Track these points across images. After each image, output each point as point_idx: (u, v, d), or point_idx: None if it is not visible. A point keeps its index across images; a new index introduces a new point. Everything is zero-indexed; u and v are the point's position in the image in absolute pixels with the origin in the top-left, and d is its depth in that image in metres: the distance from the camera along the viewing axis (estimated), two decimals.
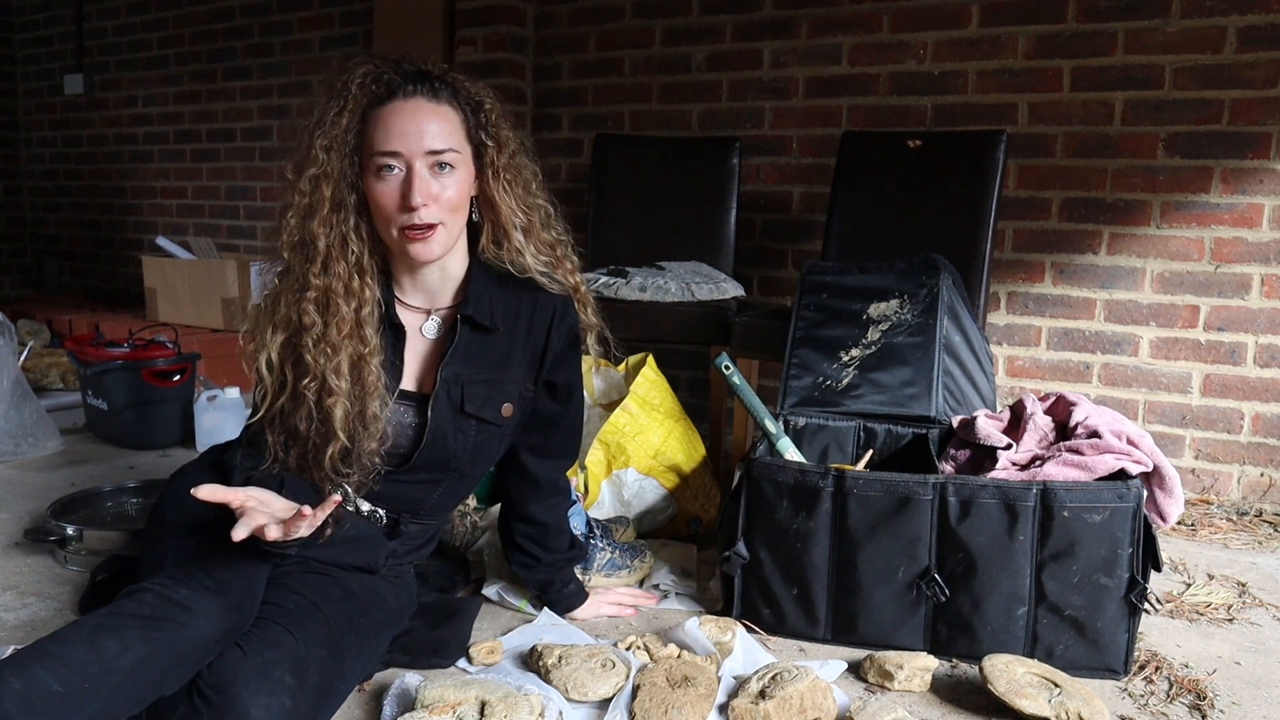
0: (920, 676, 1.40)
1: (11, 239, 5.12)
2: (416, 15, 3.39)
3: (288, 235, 1.33)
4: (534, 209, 1.43)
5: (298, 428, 1.30)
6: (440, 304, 1.42)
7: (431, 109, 1.30)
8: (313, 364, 1.29)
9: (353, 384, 1.30)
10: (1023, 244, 2.65)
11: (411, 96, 1.30)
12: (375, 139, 1.29)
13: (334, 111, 1.29)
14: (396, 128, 1.28)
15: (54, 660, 1.01)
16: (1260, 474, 2.45)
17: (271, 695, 1.11)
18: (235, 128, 4.16)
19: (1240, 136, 2.38)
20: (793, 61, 2.90)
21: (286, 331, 1.31)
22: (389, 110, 1.29)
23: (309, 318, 1.29)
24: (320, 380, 1.29)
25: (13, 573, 1.77)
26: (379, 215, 1.31)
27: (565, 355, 1.47)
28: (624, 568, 1.76)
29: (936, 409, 1.82)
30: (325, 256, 1.30)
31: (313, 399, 1.29)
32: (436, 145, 1.29)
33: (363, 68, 1.31)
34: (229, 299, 3.46)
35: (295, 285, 1.31)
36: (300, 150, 1.31)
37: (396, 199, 1.29)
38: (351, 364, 1.30)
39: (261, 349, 1.31)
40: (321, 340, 1.29)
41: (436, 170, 1.30)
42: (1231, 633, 1.64)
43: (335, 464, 1.30)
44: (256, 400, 1.33)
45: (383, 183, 1.29)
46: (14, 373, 2.52)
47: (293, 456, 1.31)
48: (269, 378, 1.31)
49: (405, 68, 1.32)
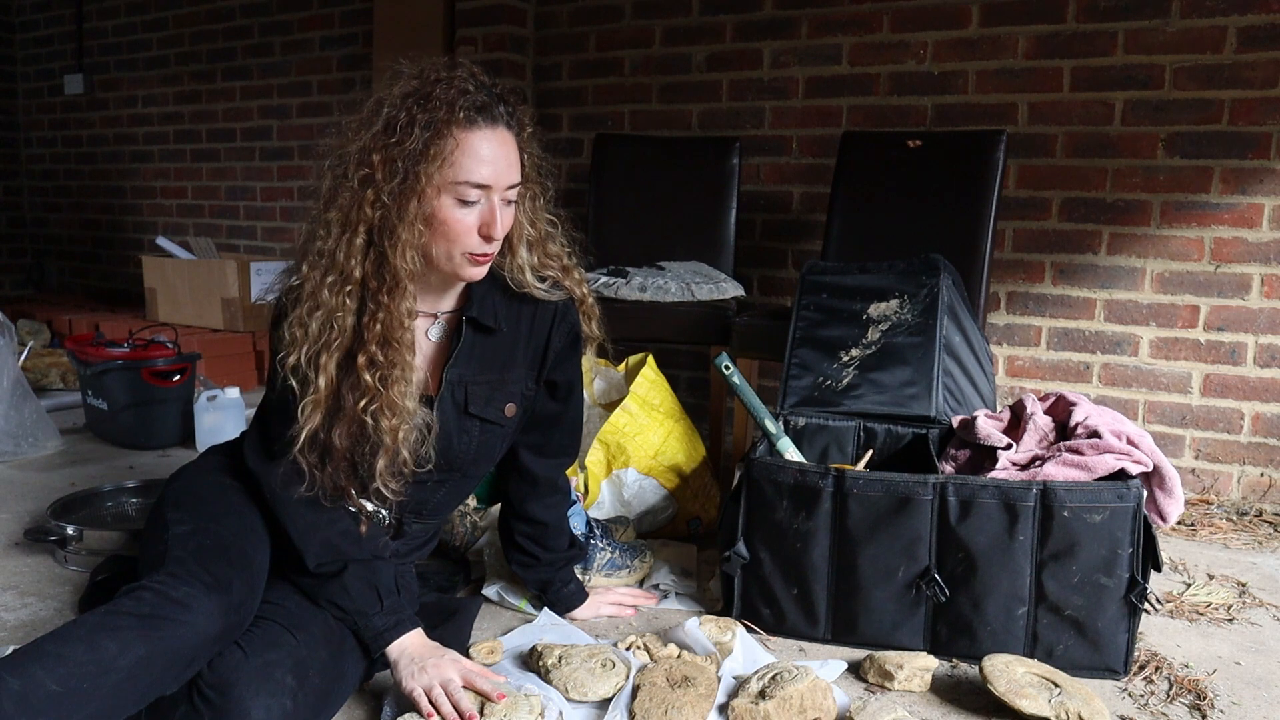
0: (920, 676, 1.40)
1: (11, 239, 5.12)
2: (416, 15, 3.39)
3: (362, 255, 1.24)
4: (544, 222, 1.42)
5: (334, 445, 1.26)
6: (444, 308, 1.42)
7: (511, 141, 1.28)
8: (373, 386, 1.24)
9: (413, 402, 1.30)
10: (1023, 244, 2.65)
11: (497, 125, 1.26)
12: (463, 167, 1.23)
13: (420, 125, 1.21)
14: (489, 158, 1.24)
15: (52, 660, 1.01)
16: (1260, 474, 2.44)
17: (272, 696, 1.11)
18: (235, 128, 4.16)
19: (1240, 136, 2.38)
20: (793, 61, 2.90)
21: (345, 351, 1.26)
22: (479, 137, 1.24)
23: (378, 339, 1.25)
24: (380, 401, 1.25)
25: (13, 573, 1.77)
26: (446, 238, 1.26)
27: (566, 354, 1.48)
28: (624, 568, 1.76)
29: (936, 409, 1.82)
30: (405, 280, 1.25)
31: (370, 420, 1.25)
32: (515, 178, 1.29)
33: (456, 83, 1.24)
34: (229, 299, 3.46)
35: (358, 304, 1.26)
36: (397, 173, 1.21)
37: (475, 228, 1.26)
38: (409, 383, 1.29)
39: (313, 365, 1.24)
40: (391, 364, 1.25)
41: (505, 203, 1.29)
42: (1231, 633, 1.64)
43: (385, 479, 1.29)
44: (299, 418, 1.25)
45: (464, 211, 1.25)
46: (14, 373, 2.52)
47: (327, 475, 1.27)
48: (324, 391, 1.24)
49: (495, 91, 1.28)
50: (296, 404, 1.26)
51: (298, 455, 1.26)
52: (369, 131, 1.23)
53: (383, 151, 1.22)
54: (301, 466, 1.27)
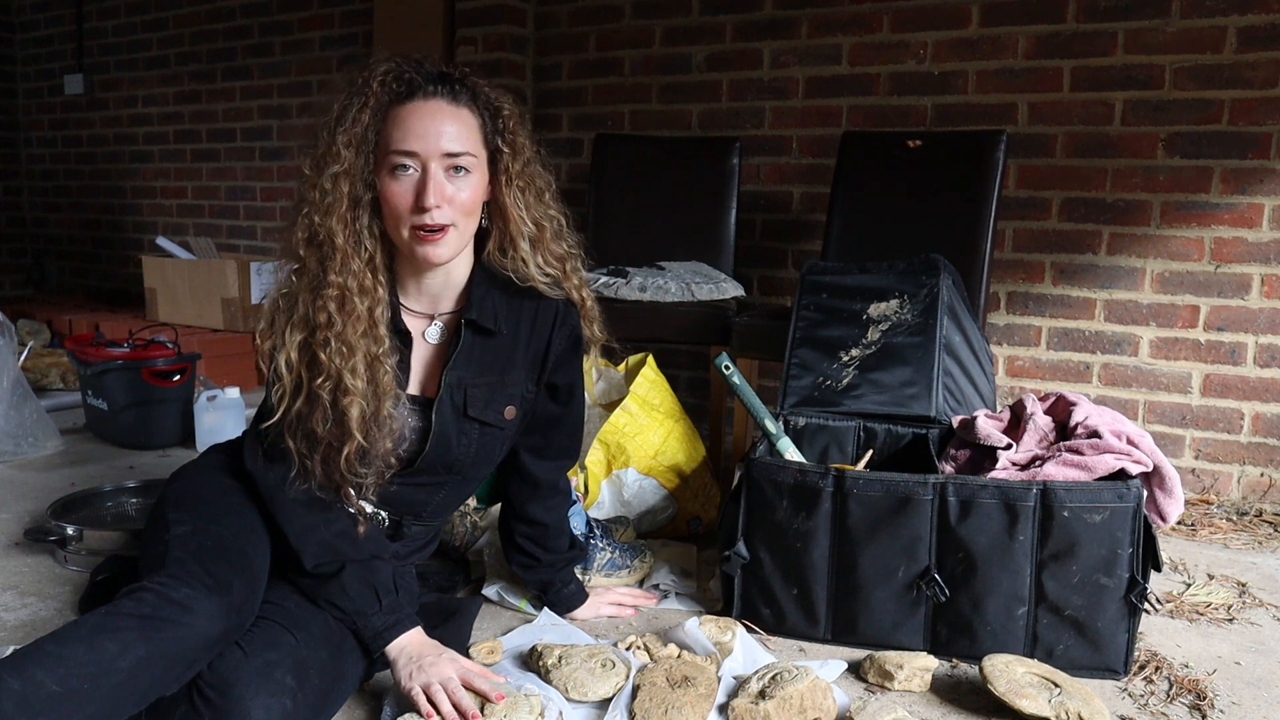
0: (920, 676, 1.40)
1: (11, 239, 5.12)
2: (416, 15, 3.39)
3: (304, 232, 1.30)
4: (545, 219, 1.42)
5: (315, 431, 1.28)
6: (443, 309, 1.42)
7: (451, 111, 1.30)
8: (328, 363, 1.27)
9: (368, 383, 1.29)
10: (1023, 244, 2.65)
11: (431, 97, 1.29)
12: (393, 137, 1.28)
13: (355, 108, 1.27)
14: (415, 127, 1.28)
15: (52, 660, 1.01)
16: (1260, 474, 2.44)
17: (272, 696, 1.11)
18: (235, 128, 4.16)
19: (1240, 136, 2.38)
20: (793, 61, 2.90)
21: (304, 331, 1.29)
22: (408, 109, 1.28)
23: (326, 316, 1.27)
24: (336, 380, 1.27)
25: (13, 573, 1.77)
26: (390, 214, 1.30)
27: (567, 357, 1.47)
28: (624, 568, 1.76)
29: (936, 409, 1.82)
30: (343, 254, 1.29)
31: (328, 399, 1.27)
32: (453, 147, 1.29)
33: (384, 65, 1.30)
34: (229, 299, 3.46)
35: (311, 283, 1.30)
36: (320, 146, 1.29)
37: (410, 199, 1.28)
38: (367, 363, 1.29)
39: (280, 348, 1.29)
40: (339, 339, 1.27)
41: (452, 173, 1.29)
42: (1231, 633, 1.64)
43: (351, 464, 1.29)
44: (273, 401, 1.30)
45: (397, 182, 1.28)
46: (14, 373, 2.52)
47: (316, 463, 1.28)
48: (287, 378, 1.28)
49: (427, 68, 1.31)
50: (274, 390, 1.30)
51: (286, 443, 1.28)
52: (319, 119, 1.31)
53: (322, 133, 1.29)
54: (290, 455, 1.28)
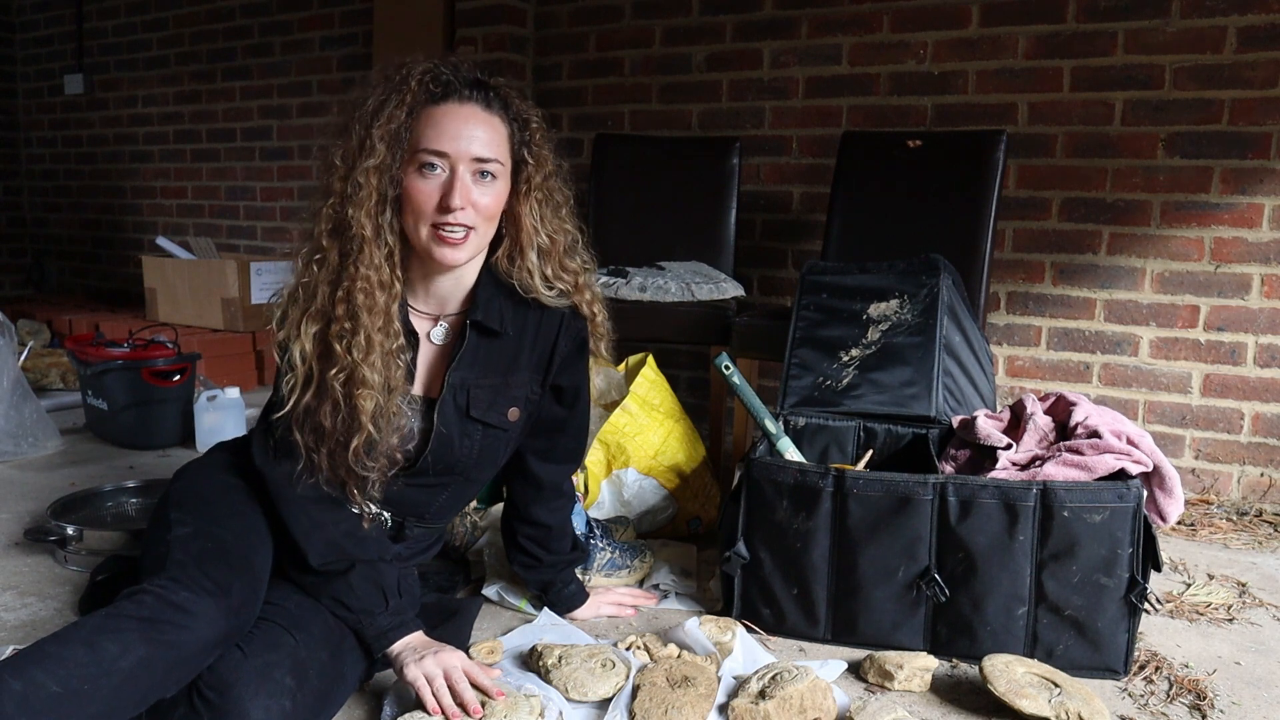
0: (920, 676, 1.40)
1: (11, 239, 5.12)
2: (416, 15, 3.39)
3: (329, 223, 1.30)
4: (559, 233, 1.43)
5: (323, 424, 1.27)
6: (449, 311, 1.42)
7: (483, 117, 1.31)
8: (343, 355, 1.26)
9: (382, 377, 1.29)
10: (1023, 244, 2.65)
11: (467, 101, 1.30)
12: (424, 136, 1.28)
13: (393, 104, 1.28)
14: (448, 129, 1.28)
15: (53, 662, 1.01)
16: (1260, 474, 2.45)
17: (272, 697, 1.11)
18: (235, 128, 4.17)
19: (1240, 136, 2.38)
20: (793, 61, 2.90)
21: (320, 322, 1.29)
22: (442, 110, 1.29)
23: (345, 307, 1.27)
24: (350, 371, 1.26)
25: (13, 573, 1.77)
26: (413, 212, 1.30)
27: (572, 359, 1.47)
28: (624, 568, 1.76)
29: (936, 409, 1.82)
30: (369, 248, 1.29)
31: (340, 391, 1.27)
32: (483, 153, 1.29)
33: (423, 65, 1.31)
34: (229, 299, 3.46)
35: (331, 275, 1.29)
36: (354, 139, 1.28)
37: (435, 198, 1.28)
38: (382, 357, 1.29)
39: (295, 339, 1.28)
40: (357, 332, 1.27)
41: (478, 178, 1.30)
42: (1231, 633, 1.64)
43: (359, 458, 1.29)
44: (284, 393, 1.29)
45: (424, 180, 1.28)
46: (14, 373, 2.52)
47: (323, 457, 1.28)
48: (300, 368, 1.28)
49: (464, 73, 1.32)
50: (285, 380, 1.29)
51: (294, 436, 1.28)
52: (351, 112, 1.31)
53: (356, 126, 1.29)
54: (298, 449, 1.28)
